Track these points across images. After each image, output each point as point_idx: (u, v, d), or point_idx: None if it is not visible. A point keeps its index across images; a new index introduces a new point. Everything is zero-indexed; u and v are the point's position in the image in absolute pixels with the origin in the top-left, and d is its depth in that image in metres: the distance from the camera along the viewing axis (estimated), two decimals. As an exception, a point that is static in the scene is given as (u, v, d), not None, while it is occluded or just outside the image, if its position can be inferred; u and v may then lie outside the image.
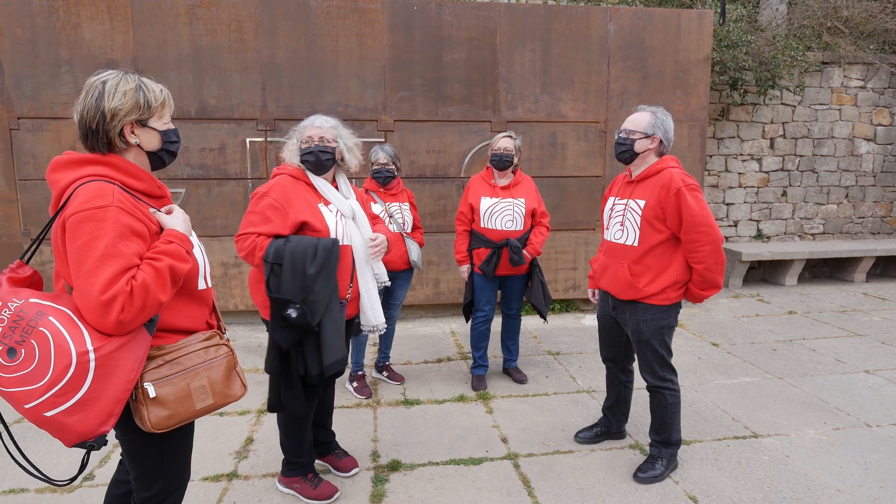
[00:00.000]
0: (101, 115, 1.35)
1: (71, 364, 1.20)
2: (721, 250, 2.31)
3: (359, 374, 3.44)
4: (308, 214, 2.09)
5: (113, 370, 1.25)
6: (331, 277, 2.03)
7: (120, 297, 1.23)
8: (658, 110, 2.40)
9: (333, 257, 2.03)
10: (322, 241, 2.02)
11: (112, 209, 1.28)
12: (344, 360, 2.14)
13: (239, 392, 1.51)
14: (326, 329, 2.05)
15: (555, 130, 4.90)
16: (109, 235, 1.26)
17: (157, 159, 1.48)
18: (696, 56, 4.99)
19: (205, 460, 2.62)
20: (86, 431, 1.24)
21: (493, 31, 4.70)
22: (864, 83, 6.57)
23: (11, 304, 1.22)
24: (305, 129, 2.20)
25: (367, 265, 2.26)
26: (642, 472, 2.49)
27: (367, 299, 2.29)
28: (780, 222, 6.70)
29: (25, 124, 4.27)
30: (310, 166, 2.19)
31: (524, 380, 3.57)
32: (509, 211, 3.27)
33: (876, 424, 3.02)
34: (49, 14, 4.19)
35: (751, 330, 4.71)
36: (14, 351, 1.19)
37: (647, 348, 2.46)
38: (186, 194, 4.47)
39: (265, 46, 4.44)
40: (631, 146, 2.39)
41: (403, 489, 2.42)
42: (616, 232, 2.48)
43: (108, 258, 1.24)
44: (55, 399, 1.19)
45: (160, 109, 1.43)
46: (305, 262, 1.97)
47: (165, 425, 1.36)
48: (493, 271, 3.28)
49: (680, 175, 2.31)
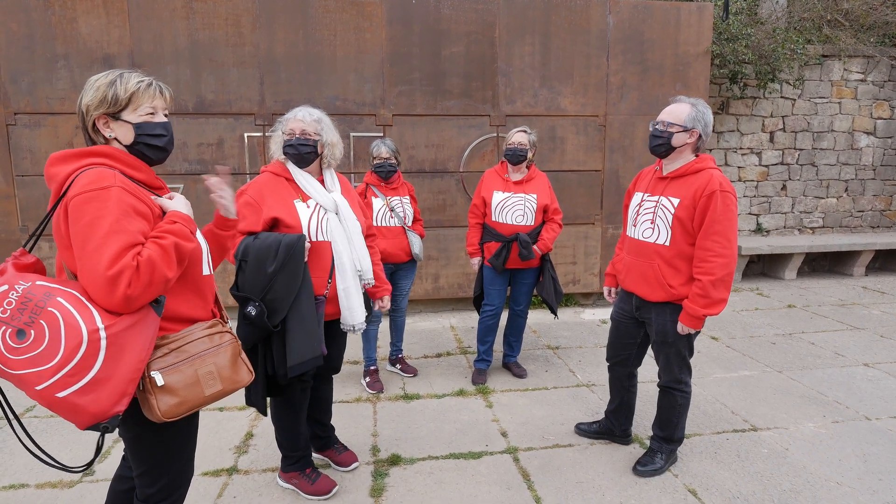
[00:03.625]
0: (80, 111, 1.38)
1: (82, 342, 1.19)
2: (732, 271, 2.17)
3: (371, 369, 3.45)
4: (280, 211, 2.07)
5: (124, 349, 1.24)
6: (295, 275, 1.99)
7: (127, 272, 1.23)
8: (699, 102, 2.25)
9: (297, 254, 1.99)
10: (285, 238, 1.99)
11: (115, 189, 1.28)
12: (315, 360, 2.07)
13: (246, 378, 1.51)
14: (292, 328, 2.01)
15: (554, 124, 4.88)
16: (114, 213, 1.26)
17: (139, 154, 1.42)
18: (695, 49, 4.97)
19: (205, 455, 2.63)
20: (99, 412, 1.23)
21: (491, 25, 4.67)
22: (864, 76, 6.55)
23: (19, 287, 1.22)
24: (288, 122, 2.18)
25: (348, 263, 2.20)
26: (642, 465, 2.48)
27: (344, 298, 2.20)
28: (779, 216, 6.70)
29: (22, 119, 4.25)
30: (291, 159, 2.17)
31: (524, 374, 3.57)
32: (520, 206, 3.26)
33: (875, 417, 3.02)
34: (45, 8, 4.16)
35: (750, 323, 4.72)
36: (23, 333, 1.18)
37: (672, 350, 2.38)
38: (184, 189, 4.45)
39: (263, 40, 4.41)
40: (668, 140, 2.24)
41: (403, 483, 2.43)
42: (645, 230, 2.35)
43: (112, 234, 1.24)
44: (67, 379, 1.19)
45: (133, 101, 1.39)
46: (266, 260, 1.95)
47: (175, 413, 1.35)
48: (502, 265, 3.28)
49: (720, 178, 2.18)
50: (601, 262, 5.12)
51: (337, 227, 2.19)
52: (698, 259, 2.20)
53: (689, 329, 2.27)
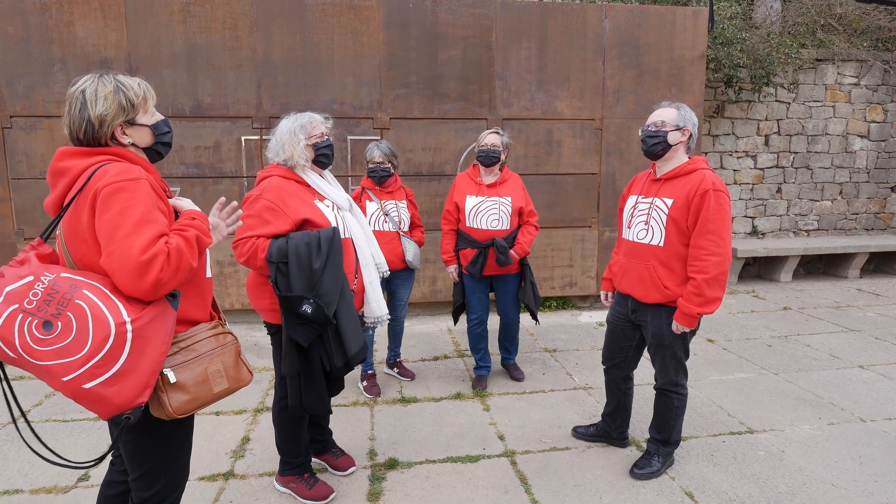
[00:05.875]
0: (88, 124, 1.37)
1: (110, 335, 1.22)
2: (726, 269, 2.18)
3: (369, 373, 3.44)
4: (307, 212, 2.08)
5: (147, 342, 1.28)
6: (338, 267, 2.02)
7: (160, 257, 1.28)
8: (681, 105, 2.33)
9: (336, 246, 2.02)
10: (322, 233, 2.01)
11: (143, 181, 1.33)
12: (366, 348, 2.15)
13: (247, 377, 1.55)
14: (344, 318, 2.05)
15: (550, 128, 4.90)
16: (145, 204, 1.30)
17: (154, 153, 1.50)
18: (691, 53, 5.00)
19: (201, 459, 2.62)
20: (123, 403, 1.25)
21: (488, 29, 4.69)
22: (857, 80, 6.60)
23: (44, 278, 1.24)
24: (313, 126, 2.17)
25: (369, 256, 2.27)
26: (639, 468, 2.49)
27: (370, 291, 2.29)
28: (774, 219, 6.73)
29: (18, 123, 4.24)
30: (324, 160, 2.21)
31: (521, 377, 3.56)
32: (495, 210, 3.20)
33: (870, 419, 3.04)
34: (41, 12, 4.15)
35: (746, 326, 4.74)
36: (50, 324, 1.20)
37: (668, 352, 2.39)
38: (181, 193, 4.44)
39: (260, 44, 4.42)
40: (664, 138, 2.29)
41: (400, 487, 2.42)
42: (640, 231, 2.38)
43: (145, 223, 1.29)
44: (94, 370, 1.21)
45: (143, 104, 1.44)
46: (311, 257, 1.96)
47: (185, 410, 1.38)
48: (479, 272, 3.21)
49: (713, 177, 2.22)
50: (598, 264, 5.14)
51: (354, 224, 2.25)
52: (692, 258, 2.22)
53: (683, 328, 2.29)
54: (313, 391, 2.10)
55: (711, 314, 2.49)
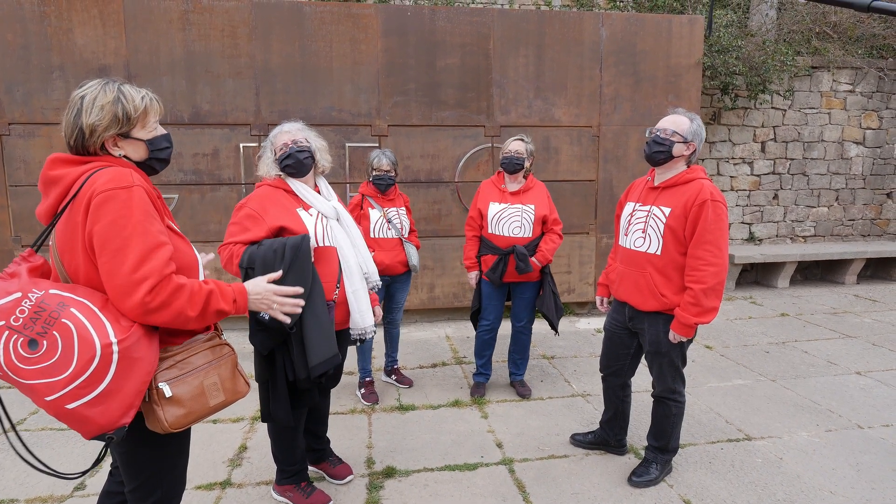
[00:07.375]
0: (79, 132, 1.33)
1: (95, 356, 1.20)
2: (723, 280, 2.19)
3: (366, 381, 3.44)
4: (285, 219, 2.08)
5: (134, 362, 1.25)
6: (304, 274, 1.98)
7: (152, 279, 1.25)
8: (695, 117, 2.31)
9: (303, 253, 1.98)
10: (289, 240, 1.98)
11: (136, 189, 1.29)
12: (334, 359, 2.06)
13: (244, 389, 1.53)
14: (309, 327, 2.00)
15: (548, 135, 4.92)
16: (136, 215, 1.27)
17: (148, 168, 1.46)
18: (687, 61, 5.03)
19: (198, 468, 2.60)
20: (106, 423, 1.24)
21: (486, 37, 4.72)
22: (852, 87, 6.65)
23: (32, 295, 1.22)
24: (277, 138, 2.19)
25: (354, 266, 2.22)
26: (637, 476, 2.48)
27: (354, 302, 2.22)
28: (771, 225, 6.76)
29: (16, 130, 4.24)
30: (291, 170, 2.16)
31: (528, 394, 3.44)
32: (517, 217, 3.17)
33: (868, 426, 3.04)
34: (41, 19, 4.16)
35: (743, 332, 4.74)
36: (35, 343, 1.18)
37: (665, 360, 2.39)
38: (179, 200, 4.45)
39: (259, 51, 4.43)
40: (669, 148, 2.27)
41: (398, 496, 2.41)
42: (637, 239, 2.38)
43: (136, 236, 1.26)
44: (78, 391, 1.19)
45: (143, 118, 1.39)
46: (274, 263, 1.94)
47: (181, 424, 1.35)
48: (499, 279, 3.18)
49: (710, 187, 2.21)
50: (595, 271, 5.14)
51: (340, 233, 2.22)
52: (690, 268, 2.23)
53: (680, 337, 2.29)
54: (276, 400, 2.10)
55: (708, 324, 2.51)
